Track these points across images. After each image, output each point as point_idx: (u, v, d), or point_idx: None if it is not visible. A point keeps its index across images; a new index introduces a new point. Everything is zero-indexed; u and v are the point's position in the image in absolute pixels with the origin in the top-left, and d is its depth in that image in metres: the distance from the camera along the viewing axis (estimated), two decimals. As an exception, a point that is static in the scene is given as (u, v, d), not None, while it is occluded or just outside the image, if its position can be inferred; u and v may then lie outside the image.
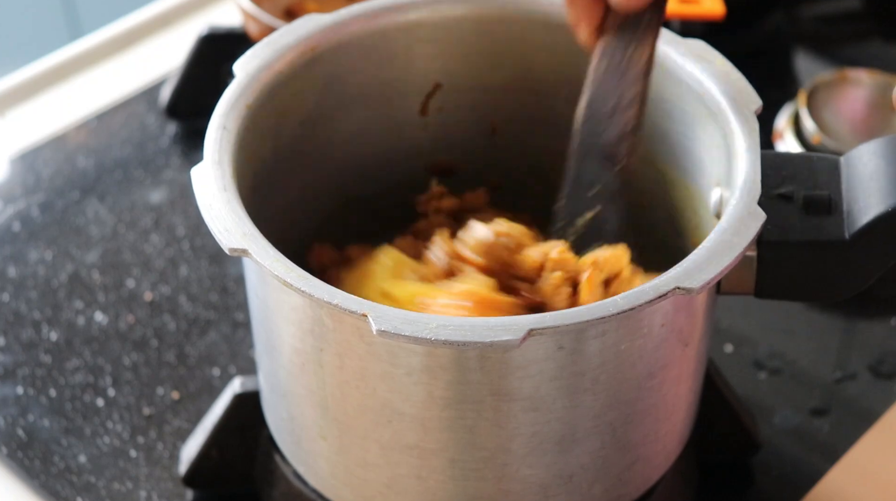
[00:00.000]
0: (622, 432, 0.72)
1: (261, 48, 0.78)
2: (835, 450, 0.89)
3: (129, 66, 1.22)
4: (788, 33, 1.26)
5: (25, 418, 0.91)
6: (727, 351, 0.95)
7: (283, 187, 0.81)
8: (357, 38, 0.80)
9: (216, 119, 0.73)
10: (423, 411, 0.69)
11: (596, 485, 0.74)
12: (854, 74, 1.10)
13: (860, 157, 0.71)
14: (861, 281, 0.71)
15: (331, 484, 0.77)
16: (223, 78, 1.12)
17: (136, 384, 0.93)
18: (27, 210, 1.07)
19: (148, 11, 1.26)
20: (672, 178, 0.82)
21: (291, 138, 0.80)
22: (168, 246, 1.04)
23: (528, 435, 0.70)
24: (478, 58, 0.83)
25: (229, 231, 0.67)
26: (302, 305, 0.68)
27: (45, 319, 0.98)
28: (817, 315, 0.99)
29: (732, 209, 0.68)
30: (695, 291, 0.64)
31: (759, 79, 0.78)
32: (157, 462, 0.89)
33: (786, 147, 1.07)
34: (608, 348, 0.67)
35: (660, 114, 0.80)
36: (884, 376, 0.94)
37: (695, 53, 0.77)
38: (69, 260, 1.03)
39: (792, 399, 0.93)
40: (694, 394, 0.78)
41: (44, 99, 1.19)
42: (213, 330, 0.97)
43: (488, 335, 0.62)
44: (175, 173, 1.11)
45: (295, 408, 0.75)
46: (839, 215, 0.70)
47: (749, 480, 0.88)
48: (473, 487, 0.72)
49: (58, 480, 0.88)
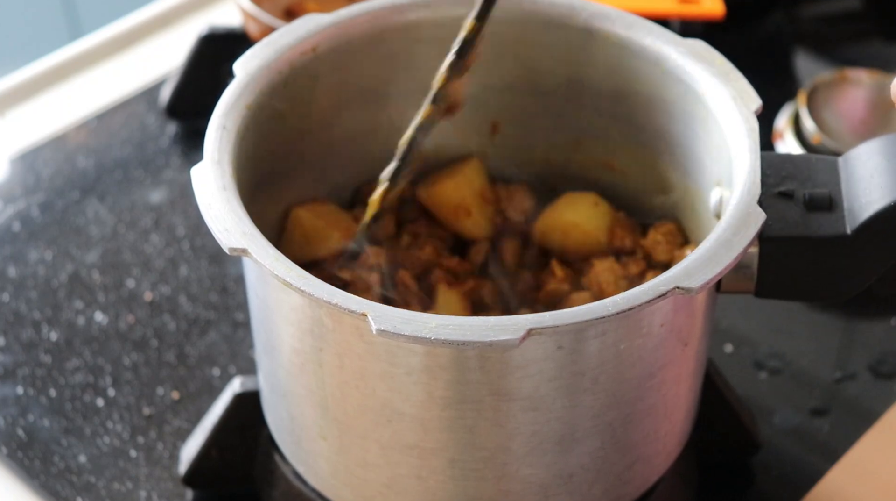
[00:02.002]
0: (622, 432, 0.72)
1: (261, 48, 0.78)
2: (835, 450, 0.89)
3: (129, 66, 1.22)
4: (788, 33, 1.26)
5: (25, 418, 0.91)
6: (727, 351, 0.95)
7: (282, 187, 0.81)
8: (357, 38, 0.80)
9: (216, 119, 0.73)
10: (422, 411, 0.69)
11: (596, 485, 0.74)
12: (854, 73, 1.10)
13: (859, 156, 0.72)
14: (861, 280, 0.71)
15: (331, 484, 0.77)
16: (223, 78, 1.12)
17: (136, 384, 0.93)
18: (27, 210, 1.07)
19: (148, 11, 1.26)
20: (672, 178, 0.82)
21: (291, 138, 0.80)
22: (168, 246, 1.04)
23: (527, 435, 0.70)
24: (477, 58, 0.83)
25: (229, 231, 0.67)
26: (301, 304, 0.68)
27: (45, 319, 0.98)
28: (817, 315, 0.99)
29: (732, 209, 0.68)
30: (694, 290, 0.64)
31: (759, 79, 0.78)
32: (157, 461, 0.89)
33: (786, 147, 1.07)
34: (608, 347, 0.67)
35: (660, 114, 0.80)
36: (884, 376, 0.94)
37: (695, 53, 0.77)
38: (69, 260, 1.03)
39: (792, 399, 0.93)
40: (694, 394, 0.78)
41: (44, 99, 1.19)
42: (213, 330, 0.97)
43: (488, 335, 0.62)
44: (175, 173, 1.11)
45: (295, 408, 0.75)
46: (840, 212, 0.70)
47: (749, 480, 0.88)
48: (473, 487, 0.72)
49: (58, 480, 0.88)
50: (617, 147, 0.84)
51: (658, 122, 0.81)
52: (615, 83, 0.81)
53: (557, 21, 0.81)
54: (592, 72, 0.82)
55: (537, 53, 0.83)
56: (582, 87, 0.83)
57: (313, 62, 0.79)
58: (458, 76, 0.76)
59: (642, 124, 0.82)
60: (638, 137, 0.83)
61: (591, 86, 0.82)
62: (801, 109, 1.07)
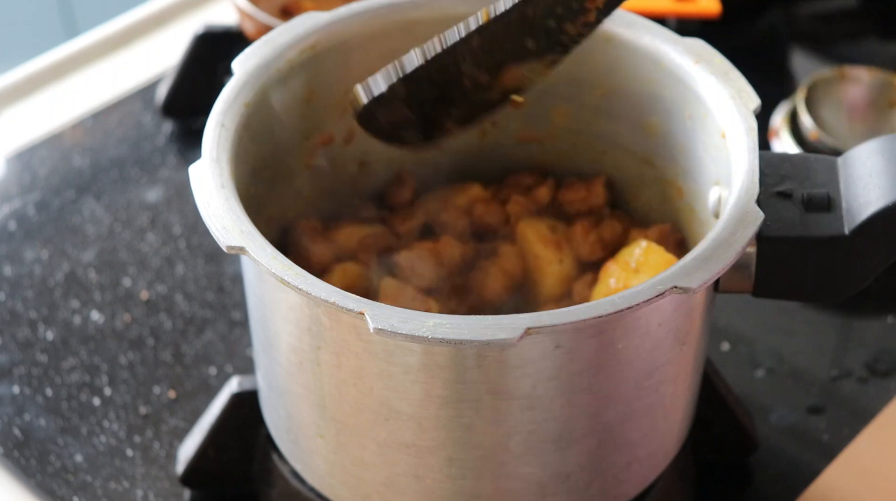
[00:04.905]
0: (620, 431, 0.72)
1: (259, 46, 0.77)
2: (832, 448, 0.89)
3: (124, 64, 1.22)
4: (784, 31, 1.26)
5: (22, 417, 0.91)
6: (724, 350, 0.95)
7: (280, 186, 0.81)
8: (356, 37, 0.80)
9: (214, 117, 0.73)
10: (420, 409, 0.69)
11: (593, 484, 0.74)
12: (853, 71, 1.10)
13: (858, 156, 0.72)
14: (859, 281, 0.71)
15: (328, 483, 0.77)
16: (219, 77, 1.12)
17: (132, 384, 0.93)
18: (23, 209, 1.07)
19: (144, 10, 1.26)
20: (671, 177, 0.82)
21: (290, 136, 0.80)
22: (164, 245, 1.04)
23: (525, 434, 0.70)
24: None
25: (227, 229, 0.67)
26: (299, 303, 0.68)
27: (41, 318, 0.98)
28: (814, 313, 0.99)
29: (731, 209, 0.68)
30: (692, 290, 0.64)
31: (755, 77, 0.78)
32: (154, 461, 0.88)
33: (782, 145, 1.07)
34: (605, 347, 0.67)
35: (659, 113, 0.80)
36: (880, 374, 0.94)
37: (694, 52, 0.77)
38: (65, 259, 1.03)
39: (789, 397, 0.93)
40: (691, 393, 0.78)
41: (40, 98, 1.18)
42: (210, 329, 0.97)
43: (486, 334, 0.62)
44: (171, 172, 1.10)
45: (292, 407, 0.75)
46: (838, 212, 0.70)
47: (746, 479, 0.88)
48: (471, 486, 0.72)
49: (54, 479, 0.88)
50: (615, 146, 0.84)
51: (656, 121, 0.81)
52: (614, 82, 0.81)
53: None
54: (591, 70, 0.82)
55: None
56: (580, 85, 0.83)
57: (312, 60, 0.79)
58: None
59: (640, 123, 0.82)
60: (636, 136, 0.83)
61: (590, 84, 0.82)
62: (799, 105, 1.07)
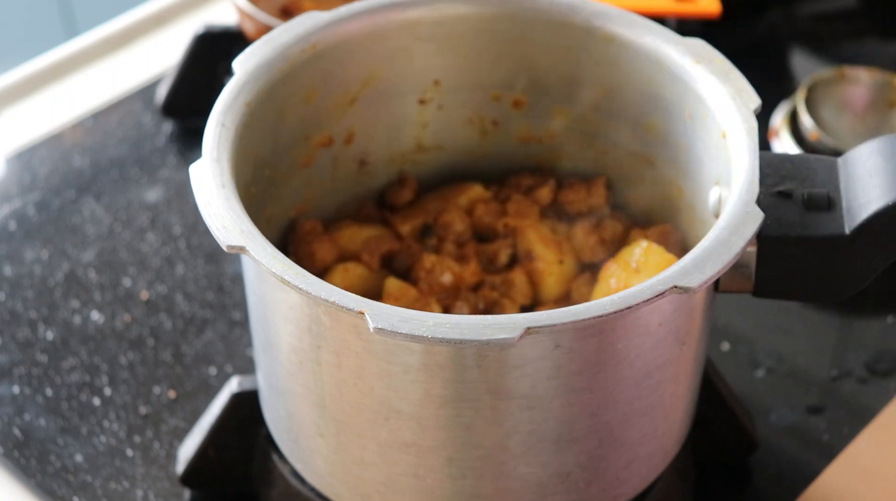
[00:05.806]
0: (619, 431, 0.72)
1: (260, 46, 0.77)
2: (831, 448, 0.89)
3: (124, 64, 1.22)
4: (784, 32, 1.26)
5: (22, 417, 0.91)
6: (724, 349, 0.95)
7: (281, 186, 0.81)
8: (357, 36, 0.80)
9: (215, 116, 0.73)
10: (420, 409, 0.69)
11: (593, 484, 0.74)
12: (853, 71, 1.10)
13: (858, 156, 0.72)
14: (859, 281, 0.71)
15: (328, 483, 0.77)
16: (219, 77, 1.12)
17: (132, 384, 0.93)
18: (23, 209, 1.07)
19: (144, 10, 1.26)
20: (671, 177, 0.82)
21: (290, 136, 0.80)
22: (164, 245, 1.04)
23: (525, 434, 0.70)
24: (477, 56, 0.83)
25: (227, 228, 0.67)
26: (299, 302, 0.68)
27: (41, 318, 0.98)
28: (814, 313, 0.99)
29: (731, 208, 0.68)
30: (692, 290, 0.64)
31: (755, 77, 0.78)
32: (154, 461, 0.88)
33: (782, 145, 1.07)
34: (605, 346, 0.67)
35: (660, 113, 0.80)
36: (880, 373, 0.94)
37: (694, 52, 0.77)
38: (65, 259, 1.03)
39: (789, 397, 0.93)
40: (691, 393, 0.78)
41: (40, 98, 1.18)
42: (210, 329, 0.97)
43: (485, 333, 0.62)
44: (171, 172, 1.10)
45: (293, 406, 0.75)
46: (839, 212, 0.70)
47: (746, 478, 0.88)
48: (471, 485, 0.72)
49: (54, 479, 0.88)
50: (615, 146, 0.84)
51: (657, 120, 0.81)
52: (614, 82, 0.81)
53: (558, 19, 0.81)
54: (592, 70, 0.82)
55: (537, 51, 0.83)
56: (581, 85, 0.83)
57: (313, 60, 0.79)
58: None
59: (641, 123, 0.82)
60: (636, 136, 0.83)
61: (591, 84, 0.82)
62: (799, 105, 1.07)
